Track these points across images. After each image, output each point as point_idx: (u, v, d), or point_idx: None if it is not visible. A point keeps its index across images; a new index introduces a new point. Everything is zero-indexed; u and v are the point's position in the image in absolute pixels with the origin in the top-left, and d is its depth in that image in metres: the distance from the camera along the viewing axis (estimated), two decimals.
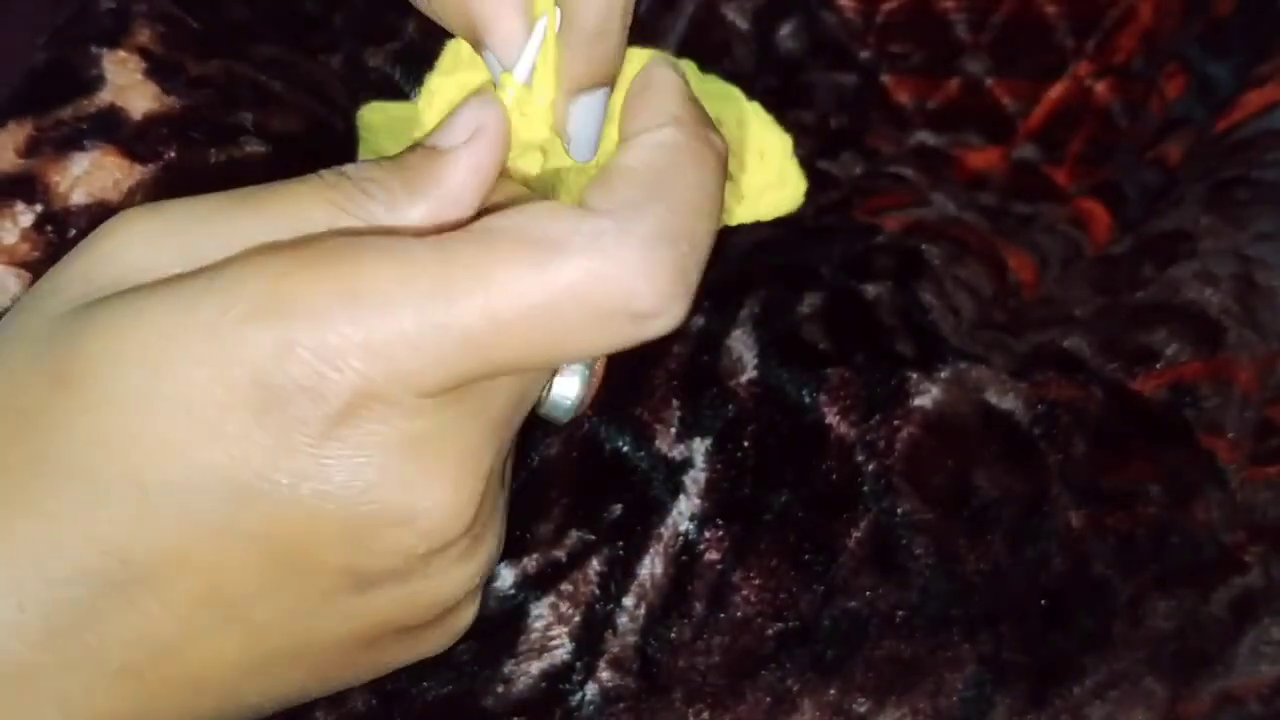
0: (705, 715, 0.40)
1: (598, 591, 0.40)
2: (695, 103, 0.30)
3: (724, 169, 0.29)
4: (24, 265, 0.38)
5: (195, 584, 0.27)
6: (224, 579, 0.27)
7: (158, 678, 0.27)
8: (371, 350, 0.25)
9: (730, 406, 0.43)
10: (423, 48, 0.56)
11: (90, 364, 0.25)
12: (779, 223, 0.55)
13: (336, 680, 0.31)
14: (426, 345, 0.26)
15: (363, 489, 0.26)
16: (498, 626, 0.40)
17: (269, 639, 0.28)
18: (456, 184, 0.28)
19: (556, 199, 0.32)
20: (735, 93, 0.40)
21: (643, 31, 0.39)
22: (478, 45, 0.32)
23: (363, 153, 0.40)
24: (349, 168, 0.29)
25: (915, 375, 0.44)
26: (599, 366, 0.32)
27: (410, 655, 0.32)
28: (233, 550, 0.26)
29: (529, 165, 0.33)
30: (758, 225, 0.40)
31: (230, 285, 0.25)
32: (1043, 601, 0.42)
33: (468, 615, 0.32)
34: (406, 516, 0.27)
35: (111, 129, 0.40)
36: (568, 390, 0.32)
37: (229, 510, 0.26)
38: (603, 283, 0.26)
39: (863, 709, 0.40)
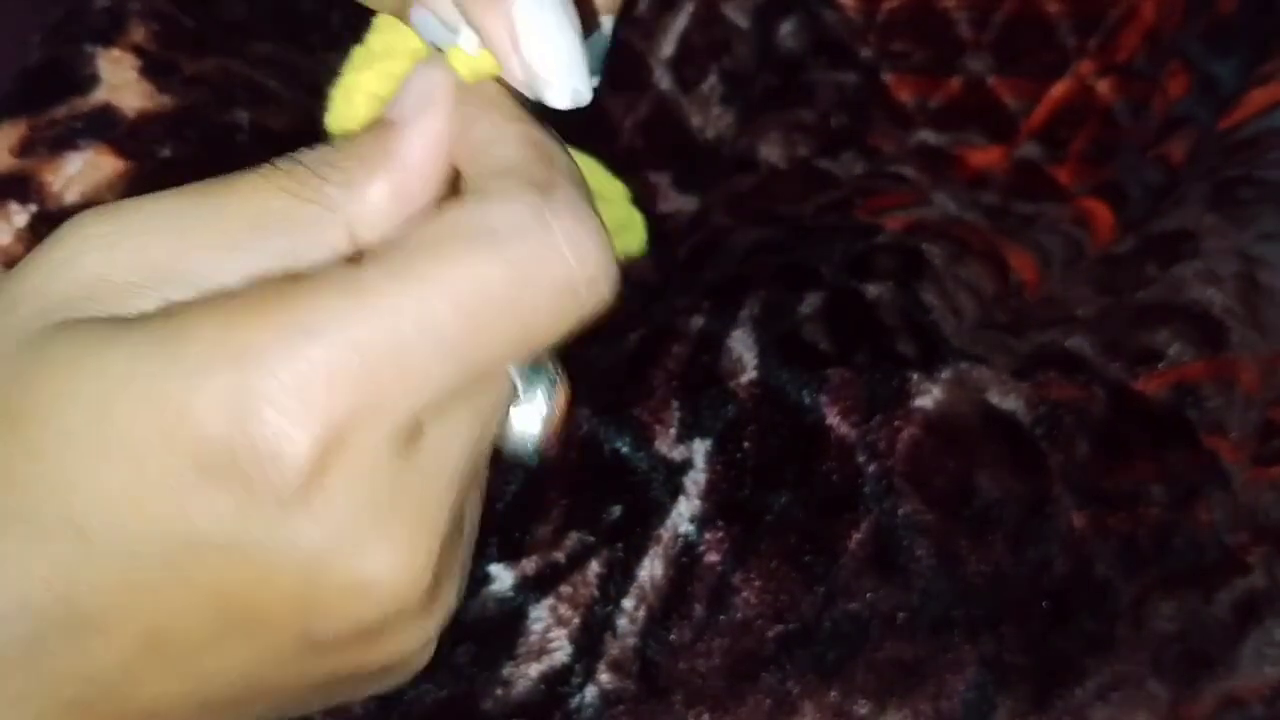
0: (705, 718, 0.40)
1: (597, 593, 0.40)
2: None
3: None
4: None
5: (141, 629, 0.26)
6: (171, 628, 0.26)
7: (110, 710, 0.27)
8: (336, 386, 0.24)
9: (730, 407, 0.42)
10: None
11: (39, 406, 0.25)
12: (779, 222, 0.55)
13: (292, 712, 0.30)
14: (406, 359, 0.25)
15: (315, 555, 0.25)
16: (496, 629, 0.40)
17: (219, 686, 0.27)
18: (414, 157, 0.28)
19: None
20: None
21: (643, 30, 0.38)
22: (406, 14, 0.31)
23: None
24: (303, 153, 0.28)
25: (916, 376, 0.44)
26: (560, 399, 0.31)
27: (365, 693, 0.31)
28: (180, 602, 0.26)
29: None
30: (758, 225, 0.40)
31: (181, 333, 0.24)
32: (1045, 603, 0.42)
33: (426, 656, 0.31)
34: (361, 585, 0.26)
35: (105, 128, 0.40)
36: (529, 425, 0.30)
37: (176, 565, 0.25)
38: (554, 254, 0.26)
39: (864, 711, 0.40)
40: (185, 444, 0.24)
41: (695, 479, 0.41)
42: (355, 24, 0.56)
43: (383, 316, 0.25)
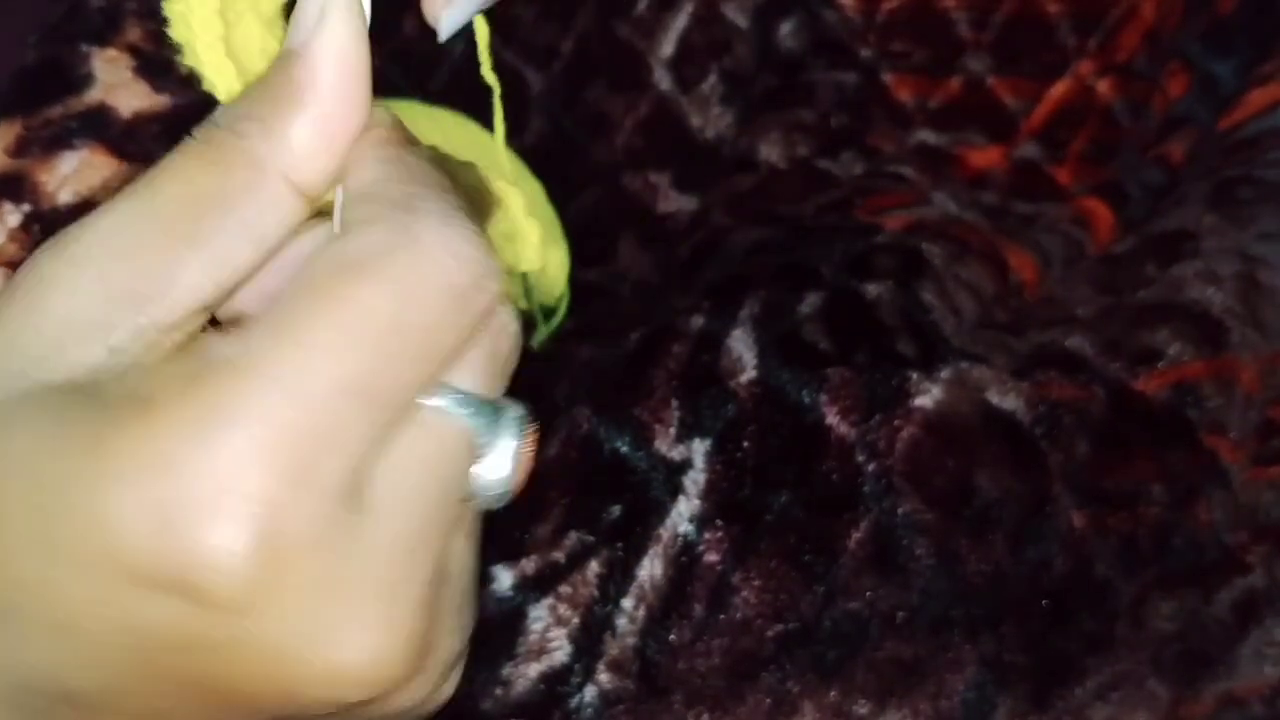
0: (705, 717, 0.40)
1: (597, 593, 0.40)
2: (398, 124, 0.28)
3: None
4: (11, 265, 0.38)
5: (137, 709, 0.26)
6: (165, 709, 0.26)
7: None
8: (258, 475, 0.23)
9: (730, 407, 0.42)
10: (420, 47, 0.56)
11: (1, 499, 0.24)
12: (779, 222, 0.55)
13: None
14: (318, 420, 0.23)
15: (282, 651, 0.24)
16: (496, 629, 0.40)
17: None
18: (328, 81, 0.26)
19: None
20: (485, 139, 0.37)
21: (643, 30, 0.38)
22: None
23: None
24: (219, 114, 0.26)
25: (916, 375, 0.44)
26: (528, 435, 0.29)
27: None
28: (163, 690, 0.25)
29: None
30: (758, 225, 0.40)
31: (104, 441, 0.23)
32: (1044, 602, 0.42)
33: (441, 696, 0.30)
34: (340, 672, 0.25)
35: (100, 127, 0.39)
36: (499, 469, 0.28)
37: (146, 660, 0.24)
38: (430, 264, 0.25)
39: (864, 711, 0.40)
40: (122, 558, 0.23)
41: (695, 478, 0.41)
42: None
43: (281, 386, 0.23)
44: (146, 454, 0.23)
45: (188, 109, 0.39)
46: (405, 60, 0.55)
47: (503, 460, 0.28)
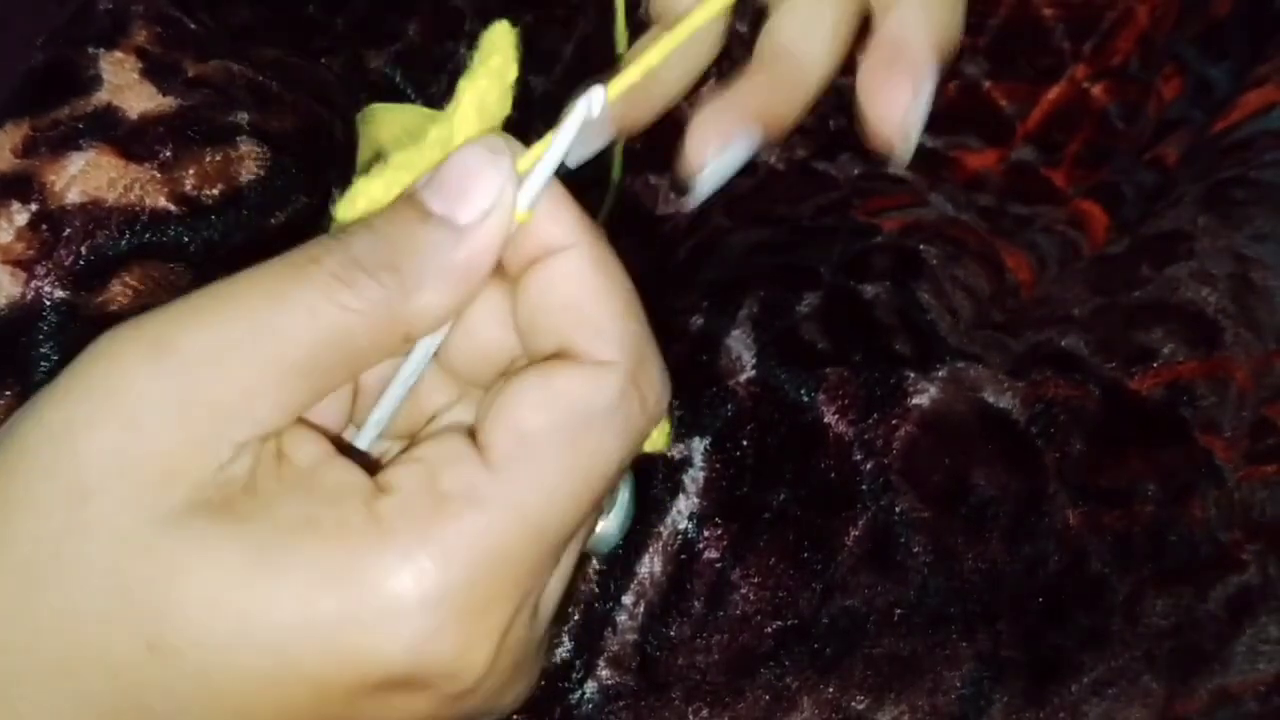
0: (704, 713, 0.40)
1: (597, 590, 0.40)
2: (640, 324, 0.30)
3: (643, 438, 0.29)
4: (18, 264, 0.38)
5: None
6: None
7: None
8: (494, 600, 0.26)
9: (729, 406, 0.43)
10: (424, 49, 0.56)
11: (187, 626, 0.25)
12: (778, 223, 0.55)
13: None
14: (536, 551, 0.27)
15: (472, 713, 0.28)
16: None
17: None
18: (483, 269, 0.28)
19: None
20: None
21: (643, 34, 0.39)
22: None
23: (362, 152, 0.40)
24: (359, 251, 0.27)
25: (913, 374, 0.44)
26: (632, 500, 0.33)
27: None
28: (256, 703, 0.27)
29: None
30: (757, 226, 0.40)
31: (346, 577, 0.26)
32: (1040, 599, 0.42)
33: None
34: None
35: (108, 128, 0.40)
36: (610, 528, 0.33)
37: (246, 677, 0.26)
38: (642, 418, 0.28)
39: (861, 706, 0.40)
40: (371, 675, 0.26)
41: (694, 477, 0.42)
42: (359, 28, 0.56)
43: (517, 523, 0.26)
44: (389, 586, 0.26)
45: (194, 110, 0.39)
46: (408, 64, 0.56)
47: (616, 518, 0.32)
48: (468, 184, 0.28)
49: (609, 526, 0.32)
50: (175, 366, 0.26)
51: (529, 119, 0.59)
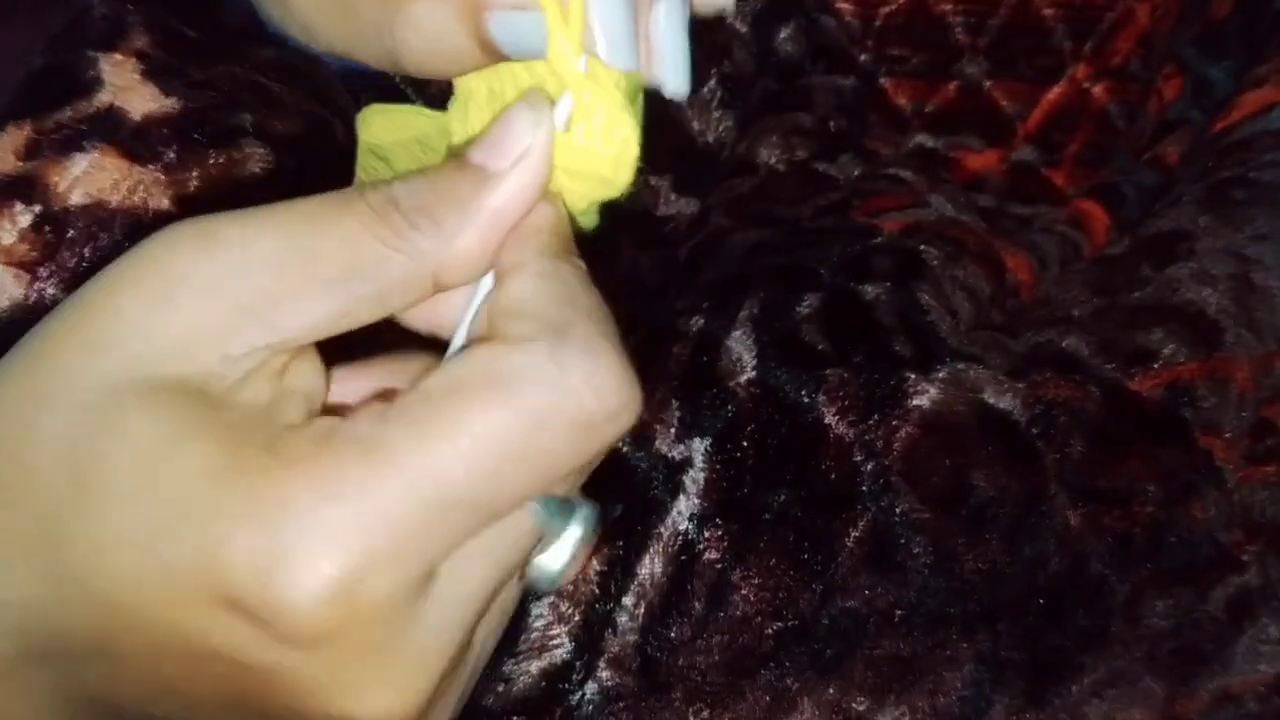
0: (705, 714, 0.40)
1: (597, 591, 0.40)
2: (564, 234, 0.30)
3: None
4: (22, 265, 0.38)
5: (175, 706, 0.28)
6: (188, 693, 0.28)
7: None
8: (353, 549, 0.25)
9: (729, 407, 0.43)
10: None
11: (104, 483, 0.26)
12: (778, 224, 0.55)
13: None
14: (424, 518, 0.26)
15: (314, 688, 0.26)
16: None
17: None
18: (507, 213, 0.28)
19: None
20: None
21: None
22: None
23: (362, 154, 0.40)
24: (399, 192, 0.28)
25: (913, 375, 0.44)
26: (591, 530, 0.30)
27: None
28: (194, 686, 0.27)
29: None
30: (757, 227, 0.40)
31: (233, 485, 0.25)
32: (1040, 600, 0.42)
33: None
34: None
35: (111, 129, 0.40)
36: (557, 560, 0.30)
37: (193, 663, 0.27)
38: (570, 397, 0.26)
39: (861, 708, 0.40)
40: (215, 581, 0.25)
41: (695, 478, 0.42)
42: None
43: (403, 481, 0.25)
44: (269, 503, 0.25)
45: (197, 111, 0.39)
46: None
47: (563, 552, 0.29)
48: (504, 133, 0.29)
49: (548, 561, 0.30)
50: (218, 253, 0.27)
51: None
